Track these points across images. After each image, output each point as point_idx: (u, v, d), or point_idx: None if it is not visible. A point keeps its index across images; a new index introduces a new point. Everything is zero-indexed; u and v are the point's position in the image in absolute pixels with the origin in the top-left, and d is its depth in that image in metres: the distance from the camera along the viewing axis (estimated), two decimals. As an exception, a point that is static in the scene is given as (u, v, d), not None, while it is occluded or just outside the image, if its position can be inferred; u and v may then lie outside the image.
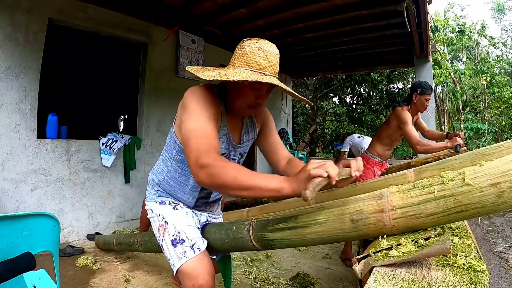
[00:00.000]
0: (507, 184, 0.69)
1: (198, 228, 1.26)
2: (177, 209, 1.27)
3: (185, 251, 1.15)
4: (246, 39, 1.05)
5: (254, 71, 1.00)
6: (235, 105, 1.11)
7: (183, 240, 1.17)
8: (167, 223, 1.22)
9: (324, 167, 0.78)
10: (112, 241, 2.36)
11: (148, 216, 1.36)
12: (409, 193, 0.80)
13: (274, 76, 1.03)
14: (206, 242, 1.20)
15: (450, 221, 0.78)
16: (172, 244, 1.17)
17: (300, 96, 1.13)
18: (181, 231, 1.19)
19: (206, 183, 0.91)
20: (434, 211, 0.76)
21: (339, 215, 0.88)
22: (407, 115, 2.41)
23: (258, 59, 1.00)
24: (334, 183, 0.80)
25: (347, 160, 0.97)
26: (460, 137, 2.27)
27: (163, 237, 1.21)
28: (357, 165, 0.91)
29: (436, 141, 2.69)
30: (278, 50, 1.06)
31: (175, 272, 1.16)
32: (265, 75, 1.00)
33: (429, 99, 2.47)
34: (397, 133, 2.52)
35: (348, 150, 4.74)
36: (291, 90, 1.07)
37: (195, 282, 1.11)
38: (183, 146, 1.05)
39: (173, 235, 1.19)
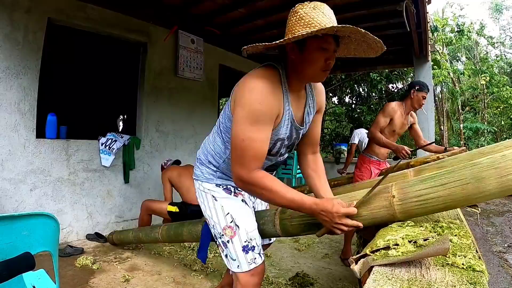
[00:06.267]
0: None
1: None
2: (245, 202, 1.24)
3: (255, 258, 1.17)
4: (297, 5, 1.01)
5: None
6: (306, 74, 1.04)
7: (254, 247, 1.18)
8: (238, 227, 1.18)
9: (342, 228, 0.99)
10: (131, 230, 2.61)
11: (201, 200, 1.27)
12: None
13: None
14: None
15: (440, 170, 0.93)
16: (243, 250, 1.17)
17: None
18: (252, 237, 1.19)
19: (242, 190, 1.18)
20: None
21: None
22: (390, 108, 2.56)
23: (317, 18, 0.95)
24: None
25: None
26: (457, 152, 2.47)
27: (231, 239, 1.18)
28: None
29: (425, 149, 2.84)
30: None
31: (235, 271, 1.18)
32: None
33: (426, 97, 2.57)
34: (389, 129, 2.58)
35: (357, 143, 4.75)
36: (360, 30, 0.93)
37: (256, 284, 1.18)
38: (230, 148, 1.07)
39: (245, 241, 1.17)
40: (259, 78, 1.00)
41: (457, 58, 13.86)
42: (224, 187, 1.23)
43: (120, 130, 5.41)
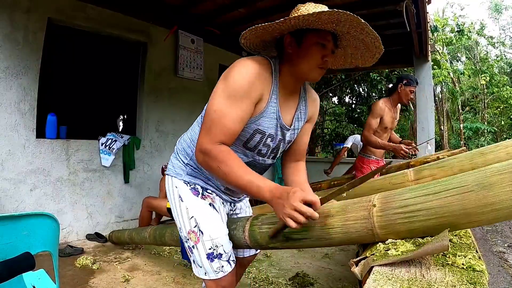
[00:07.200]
0: None
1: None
2: (213, 206, 1.14)
3: (222, 266, 1.08)
4: (298, 4, 1.04)
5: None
6: (301, 70, 1.02)
7: (221, 255, 1.09)
8: (202, 233, 1.09)
9: (294, 215, 0.83)
10: (127, 230, 2.68)
11: (169, 194, 1.18)
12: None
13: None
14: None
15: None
16: (208, 258, 1.08)
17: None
18: (218, 244, 1.09)
19: (202, 167, 1.02)
20: None
21: None
22: (377, 108, 2.56)
23: (311, 10, 0.97)
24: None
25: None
26: (410, 146, 2.56)
27: (195, 245, 1.10)
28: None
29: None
30: None
31: (203, 278, 1.11)
32: None
33: (413, 92, 2.58)
34: (380, 127, 2.59)
35: (349, 147, 4.82)
36: (360, 19, 0.94)
37: None
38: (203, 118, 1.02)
39: (210, 249, 1.08)
40: (250, 59, 1.00)
41: (457, 58, 13.87)
42: (192, 186, 1.15)
43: (120, 130, 5.41)
